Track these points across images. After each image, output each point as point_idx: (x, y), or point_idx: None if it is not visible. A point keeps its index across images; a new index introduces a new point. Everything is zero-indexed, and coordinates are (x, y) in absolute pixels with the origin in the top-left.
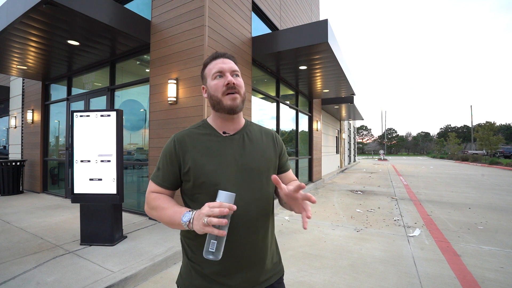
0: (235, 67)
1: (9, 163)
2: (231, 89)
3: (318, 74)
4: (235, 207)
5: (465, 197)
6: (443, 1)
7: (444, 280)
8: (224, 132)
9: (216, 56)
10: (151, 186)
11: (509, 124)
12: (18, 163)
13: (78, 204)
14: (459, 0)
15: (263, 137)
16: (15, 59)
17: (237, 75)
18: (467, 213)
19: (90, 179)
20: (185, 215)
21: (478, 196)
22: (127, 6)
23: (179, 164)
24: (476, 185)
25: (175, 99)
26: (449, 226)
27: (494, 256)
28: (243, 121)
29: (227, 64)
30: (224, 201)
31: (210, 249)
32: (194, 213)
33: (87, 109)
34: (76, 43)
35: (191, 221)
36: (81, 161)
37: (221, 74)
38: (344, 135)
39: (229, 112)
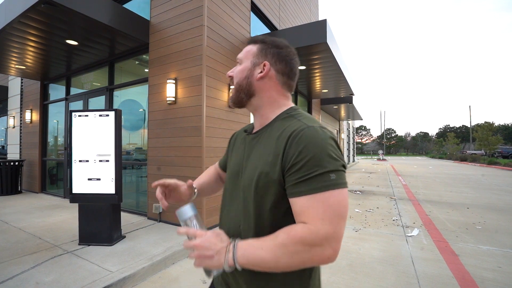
0: (239, 55)
1: (7, 163)
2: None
3: (317, 74)
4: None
5: (463, 197)
6: (443, 1)
7: (442, 280)
8: (245, 131)
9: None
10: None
11: (508, 125)
12: (16, 163)
13: (77, 204)
14: (459, 0)
15: (279, 137)
16: (14, 58)
17: (239, 64)
18: (466, 213)
19: (89, 179)
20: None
21: (477, 196)
22: (126, 5)
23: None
24: (474, 185)
25: (174, 99)
26: (448, 226)
27: (492, 256)
28: (272, 116)
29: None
30: (180, 218)
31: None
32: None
33: (85, 109)
34: (75, 43)
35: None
36: (80, 161)
37: None
38: (343, 135)
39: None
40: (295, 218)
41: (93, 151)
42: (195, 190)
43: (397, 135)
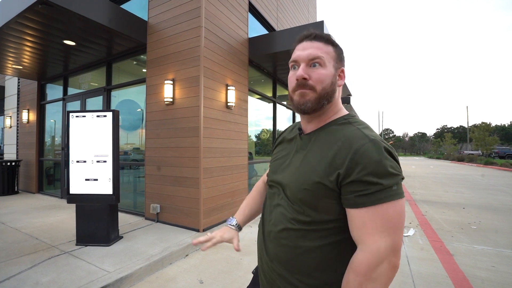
0: (317, 53)
1: (4, 163)
2: (300, 87)
3: None
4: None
5: (460, 197)
6: (442, 1)
7: (437, 279)
8: (300, 132)
9: (301, 39)
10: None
11: (504, 125)
12: (13, 163)
13: (74, 205)
14: (458, 0)
15: (339, 147)
16: (11, 58)
17: (316, 64)
18: (461, 213)
19: (86, 179)
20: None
21: (473, 196)
22: (124, 6)
23: None
24: (471, 185)
25: (171, 99)
26: (443, 226)
27: (486, 255)
28: (328, 119)
29: (306, 50)
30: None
31: None
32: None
33: (83, 109)
34: (72, 43)
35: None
36: (77, 161)
37: (295, 64)
38: None
39: (298, 112)
40: (352, 230)
41: (90, 151)
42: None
43: (395, 135)
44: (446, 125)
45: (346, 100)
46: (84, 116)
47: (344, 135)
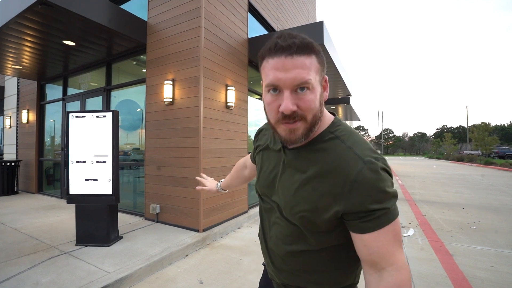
0: (304, 77)
1: (3, 163)
2: (287, 118)
3: None
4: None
5: (459, 197)
6: (441, 2)
7: (436, 279)
8: (284, 145)
9: (275, 50)
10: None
11: (504, 125)
12: (13, 163)
13: (74, 205)
14: (458, 0)
15: (329, 174)
16: (10, 59)
17: (304, 89)
18: (461, 213)
19: (86, 180)
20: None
21: (473, 196)
22: (124, 6)
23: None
24: (470, 185)
25: (171, 100)
26: (443, 226)
27: (486, 256)
28: (313, 134)
29: (289, 71)
30: None
31: None
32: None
33: (83, 109)
34: (72, 44)
35: None
36: (77, 161)
37: (276, 88)
38: None
39: (285, 144)
40: (370, 253)
41: (90, 151)
42: (223, 191)
43: (394, 135)
44: (446, 125)
45: (346, 100)
46: (84, 117)
47: (336, 158)
